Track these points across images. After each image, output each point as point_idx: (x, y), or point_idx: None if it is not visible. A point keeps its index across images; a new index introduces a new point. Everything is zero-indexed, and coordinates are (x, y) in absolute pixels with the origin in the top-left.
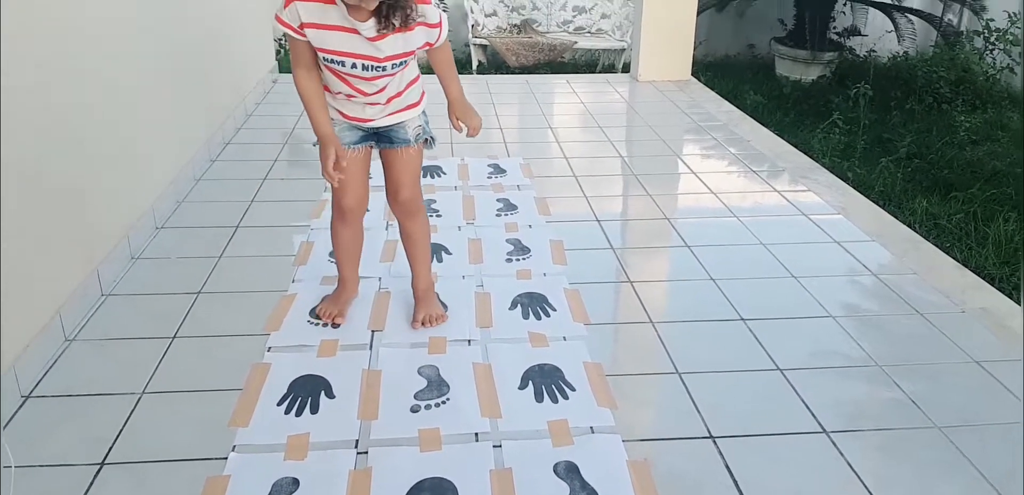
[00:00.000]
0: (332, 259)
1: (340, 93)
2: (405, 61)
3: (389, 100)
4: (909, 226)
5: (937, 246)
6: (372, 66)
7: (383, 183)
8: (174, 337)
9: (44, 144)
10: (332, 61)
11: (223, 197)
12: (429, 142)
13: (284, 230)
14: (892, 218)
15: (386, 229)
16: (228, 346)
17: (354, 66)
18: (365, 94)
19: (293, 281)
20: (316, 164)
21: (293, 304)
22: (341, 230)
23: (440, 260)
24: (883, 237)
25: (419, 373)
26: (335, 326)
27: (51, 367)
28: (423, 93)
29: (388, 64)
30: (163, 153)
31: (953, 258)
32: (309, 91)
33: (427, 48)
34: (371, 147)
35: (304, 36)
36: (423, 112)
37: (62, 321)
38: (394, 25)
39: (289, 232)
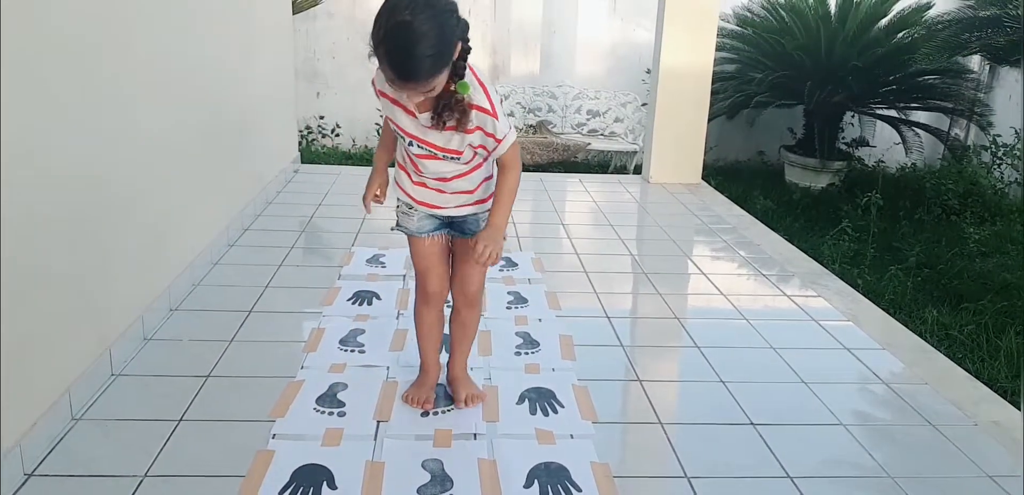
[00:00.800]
0: (342, 347)
1: (411, 175)
2: (472, 159)
3: (456, 192)
4: (920, 336)
5: (948, 357)
6: (427, 148)
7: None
8: (180, 420)
9: (62, 221)
10: (396, 132)
11: (238, 281)
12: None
13: (296, 316)
14: (902, 327)
15: (397, 318)
16: (233, 431)
17: (411, 144)
18: (428, 176)
19: (301, 367)
20: (330, 252)
21: (300, 391)
22: (424, 313)
23: (448, 350)
24: (894, 346)
25: (423, 467)
26: (425, 414)
27: (56, 446)
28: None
29: (443, 154)
30: (182, 236)
31: (964, 370)
32: (381, 141)
33: (485, 153)
34: (448, 236)
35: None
36: None
37: (70, 399)
38: (445, 123)
39: (300, 318)
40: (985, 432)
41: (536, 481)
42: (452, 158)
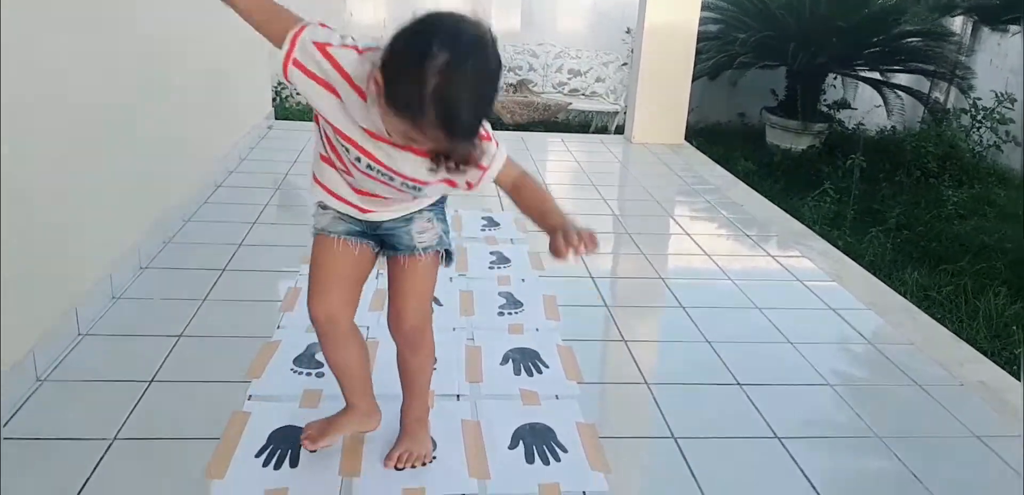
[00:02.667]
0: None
1: (338, 172)
2: (434, 189)
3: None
4: (901, 296)
5: (933, 318)
6: (382, 172)
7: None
8: (151, 381)
9: (25, 175)
10: (336, 139)
11: (211, 239)
12: (446, 258)
13: (271, 275)
14: (887, 287)
15: (376, 277)
16: (207, 392)
17: (358, 159)
18: (355, 183)
19: (278, 328)
20: (306, 209)
21: (276, 351)
22: (329, 352)
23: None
24: (878, 306)
25: None
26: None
27: (20, 408)
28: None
29: (402, 182)
30: (151, 190)
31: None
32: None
33: (468, 189)
34: (372, 250)
35: (319, 82)
36: (441, 215)
37: (35, 360)
38: (449, 171)
39: (276, 277)
40: (971, 391)
41: (521, 442)
42: (412, 187)
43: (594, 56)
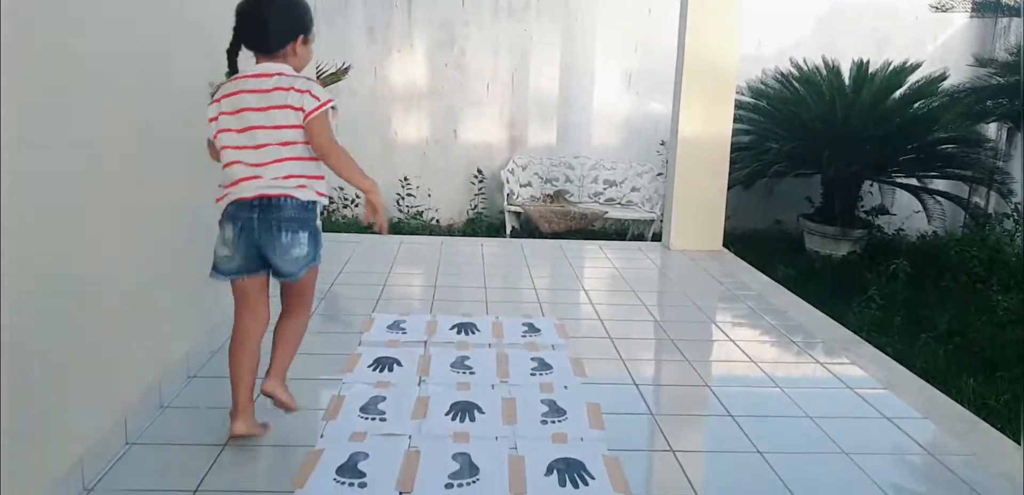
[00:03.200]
0: (363, 415)
1: None
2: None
3: None
4: (958, 404)
5: (992, 426)
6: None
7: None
8: (196, 491)
9: (80, 285)
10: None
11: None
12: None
13: (315, 383)
14: (943, 396)
15: (418, 385)
16: None
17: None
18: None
19: (321, 436)
20: (350, 318)
21: (320, 460)
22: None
23: (473, 419)
24: (935, 415)
25: None
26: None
27: None
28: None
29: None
30: (203, 303)
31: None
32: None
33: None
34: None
35: None
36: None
37: (83, 470)
38: None
39: (319, 385)
40: None
41: None
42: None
43: (628, 166)
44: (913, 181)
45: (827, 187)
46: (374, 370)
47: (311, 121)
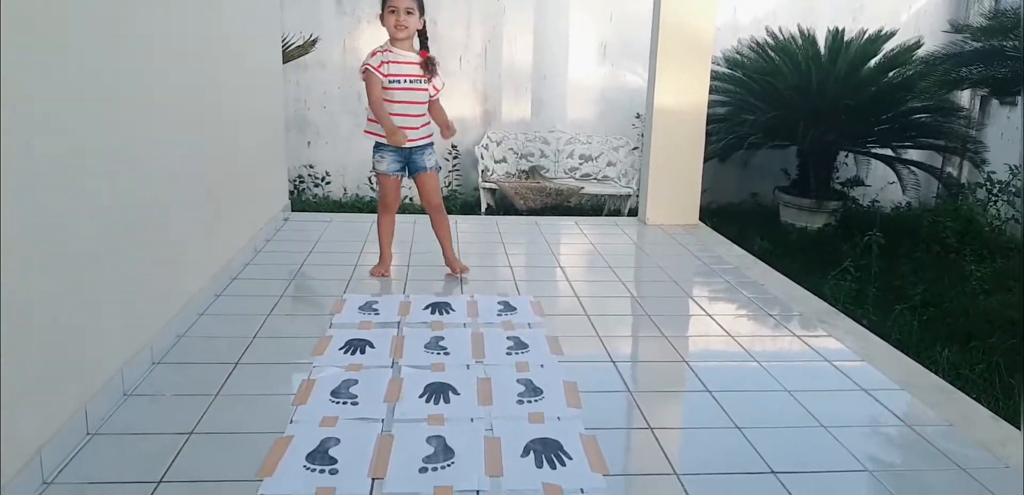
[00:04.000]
0: (334, 400)
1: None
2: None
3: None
4: (933, 374)
5: (968, 396)
6: (413, 81)
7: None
8: (159, 482)
9: (35, 269)
10: (391, 81)
11: (225, 333)
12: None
13: (285, 367)
14: (919, 367)
15: (391, 367)
16: (217, 493)
17: (402, 80)
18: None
19: (290, 422)
20: (321, 300)
21: (289, 447)
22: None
23: (447, 400)
24: (912, 386)
25: None
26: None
27: None
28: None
29: (418, 87)
30: (166, 286)
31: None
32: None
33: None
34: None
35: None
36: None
37: (41, 463)
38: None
39: (290, 370)
40: (1016, 474)
41: None
42: (422, 94)
43: (604, 141)
44: (888, 152)
45: (802, 159)
46: (346, 352)
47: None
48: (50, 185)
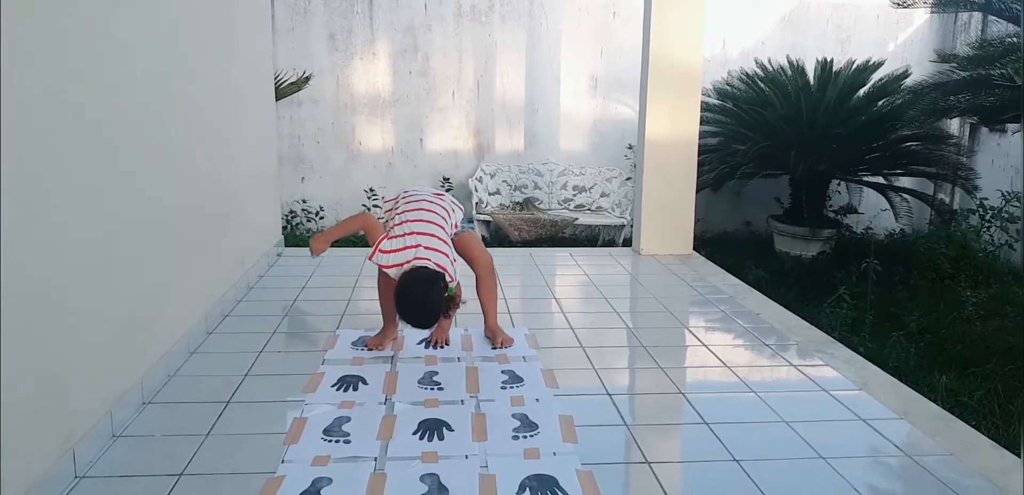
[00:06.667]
0: (326, 438)
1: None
2: None
3: None
4: (932, 402)
5: (968, 424)
6: None
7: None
8: None
9: (21, 307)
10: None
11: (216, 371)
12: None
13: (277, 406)
14: (917, 395)
15: (384, 404)
16: None
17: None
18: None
19: (282, 462)
20: (313, 336)
21: (280, 488)
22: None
23: (441, 437)
24: (910, 415)
25: None
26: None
27: None
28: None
29: None
30: (157, 324)
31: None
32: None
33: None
34: None
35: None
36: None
37: None
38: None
39: (282, 408)
40: None
41: None
42: None
43: (597, 171)
44: (880, 179)
45: (795, 187)
46: (338, 389)
47: None
48: (36, 223)
